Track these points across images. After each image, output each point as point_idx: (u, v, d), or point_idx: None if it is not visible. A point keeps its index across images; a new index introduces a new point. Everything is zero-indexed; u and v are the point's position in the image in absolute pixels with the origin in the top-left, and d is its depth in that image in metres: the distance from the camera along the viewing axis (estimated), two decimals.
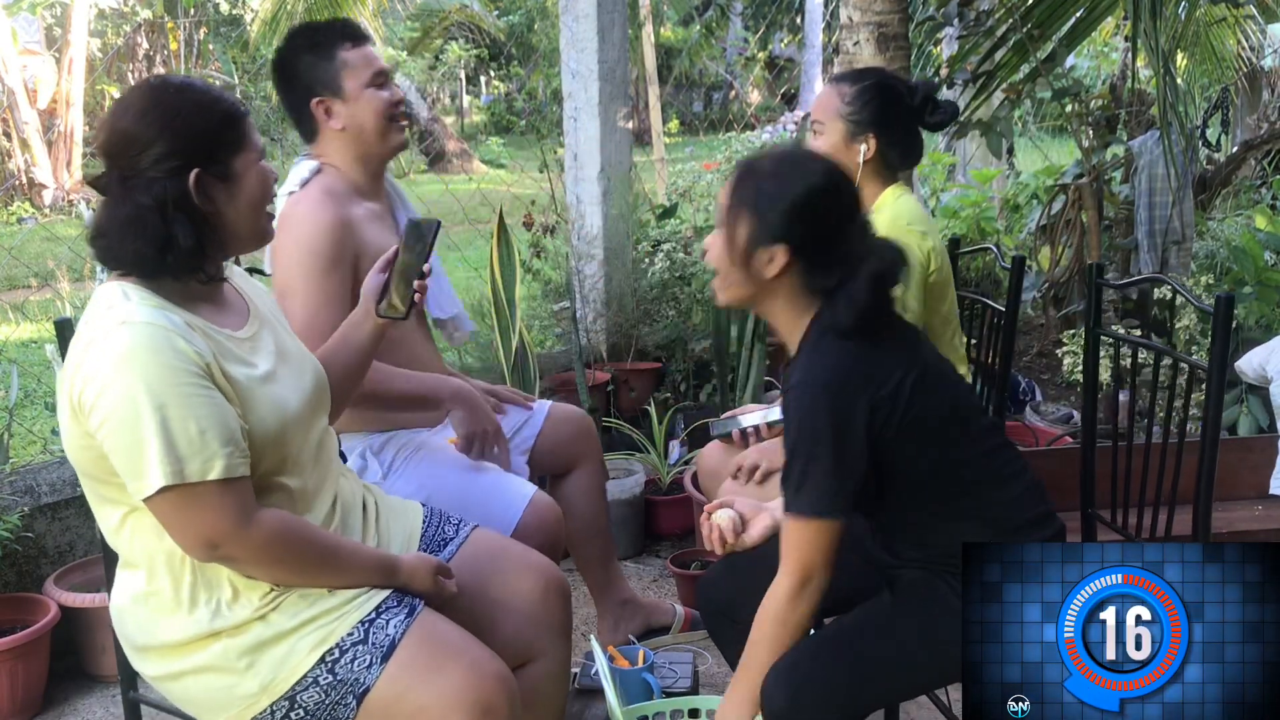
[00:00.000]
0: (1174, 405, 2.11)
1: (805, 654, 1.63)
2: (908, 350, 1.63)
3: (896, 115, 2.23)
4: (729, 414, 2.52)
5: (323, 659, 1.53)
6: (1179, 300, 3.36)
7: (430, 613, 1.64)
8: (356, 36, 2.19)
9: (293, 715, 1.54)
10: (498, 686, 1.56)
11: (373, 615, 1.57)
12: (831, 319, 1.58)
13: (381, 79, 2.19)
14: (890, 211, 2.22)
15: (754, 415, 2.44)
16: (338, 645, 1.54)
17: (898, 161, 2.28)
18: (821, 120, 2.23)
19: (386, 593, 1.62)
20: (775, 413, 2.43)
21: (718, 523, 1.84)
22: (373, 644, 1.55)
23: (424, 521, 1.88)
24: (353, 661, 1.54)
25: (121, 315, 1.46)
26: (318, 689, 1.53)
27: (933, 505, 1.65)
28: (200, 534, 1.46)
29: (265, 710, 1.54)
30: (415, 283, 1.81)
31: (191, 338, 1.47)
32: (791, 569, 1.58)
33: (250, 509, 1.48)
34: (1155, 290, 4.00)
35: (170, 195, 1.48)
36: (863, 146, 2.21)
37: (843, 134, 2.22)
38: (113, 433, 1.43)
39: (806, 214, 1.57)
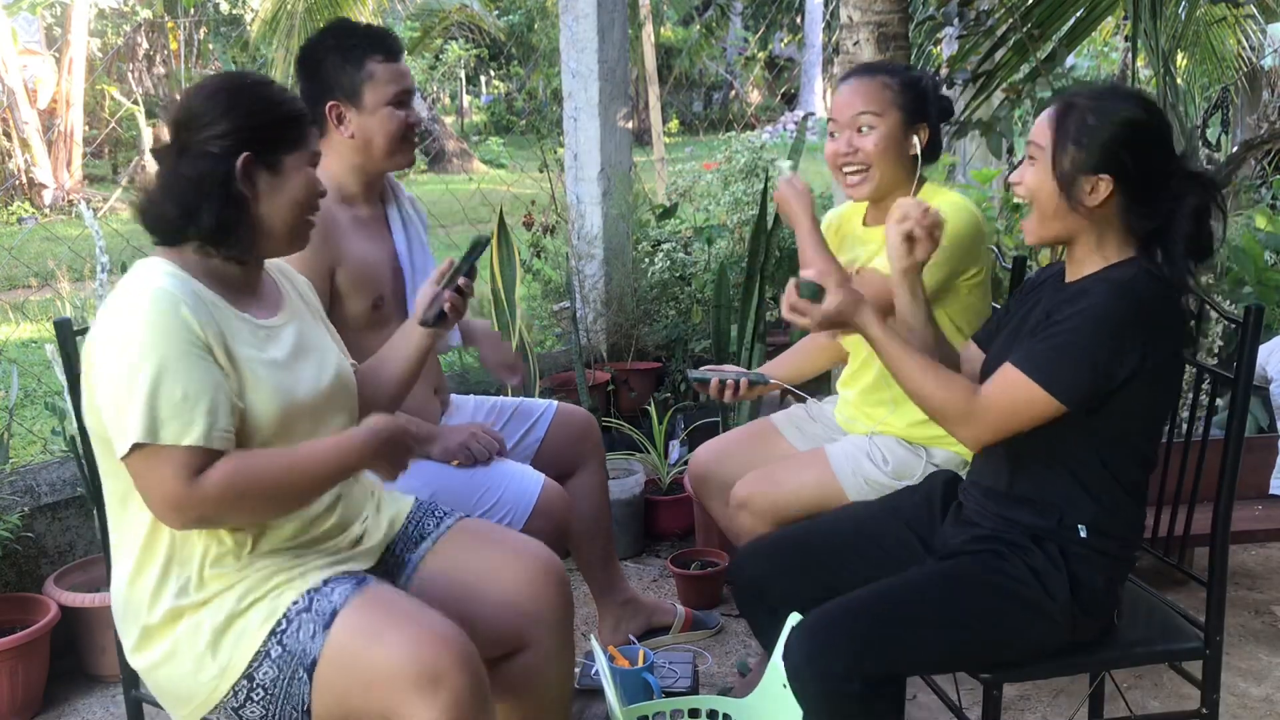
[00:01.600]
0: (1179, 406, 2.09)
1: (830, 616, 1.67)
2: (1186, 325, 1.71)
3: (931, 105, 2.19)
4: (709, 367, 2.44)
5: (273, 631, 1.55)
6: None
7: (380, 584, 1.63)
8: (391, 50, 2.13)
9: (254, 696, 1.55)
10: (445, 652, 1.50)
11: (319, 585, 1.59)
12: (1158, 260, 1.65)
13: (404, 97, 2.15)
14: (952, 198, 2.14)
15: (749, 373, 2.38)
16: (285, 615, 1.56)
17: (931, 155, 2.22)
18: (876, 113, 2.13)
19: (338, 569, 1.63)
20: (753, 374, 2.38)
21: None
22: (315, 611, 1.55)
23: (406, 516, 1.85)
24: (299, 630, 1.55)
25: (137, 282, 1.52)
26: (271, 663, 1.54)
27: (1111, 464, 1.69)
28: (161, 497, 1.47)
29: (228, 693, 1.56)
30: (446, 293, 1.82)
31: (198, 310, 1.51)
32: (986, 409, 1.63)
33: (201, 470, 1.47)
34: None
35: (213, 171, 1.53)
36: (915, 138, 2.14)
37: (899, 125, 2.13)
38: (106, 387, 1.48)
39: (1128, 144, 1.63)
